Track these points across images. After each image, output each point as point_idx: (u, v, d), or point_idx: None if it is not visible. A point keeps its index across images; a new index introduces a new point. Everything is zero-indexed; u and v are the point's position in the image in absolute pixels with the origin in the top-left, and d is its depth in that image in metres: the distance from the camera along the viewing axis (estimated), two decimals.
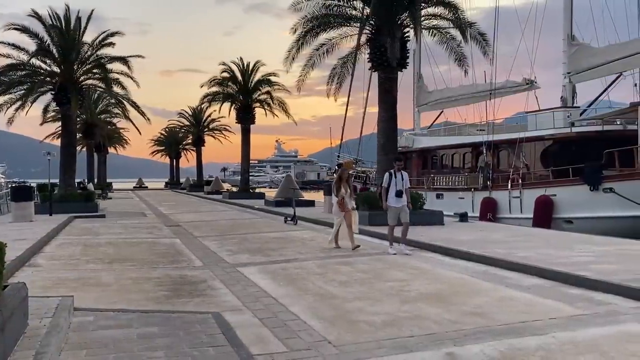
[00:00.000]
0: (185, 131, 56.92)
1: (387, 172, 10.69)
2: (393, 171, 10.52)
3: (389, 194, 10.36)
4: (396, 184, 10.33)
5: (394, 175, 10.41)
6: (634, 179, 17.42)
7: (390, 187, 10.36)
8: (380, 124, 16.52)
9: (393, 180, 10.38)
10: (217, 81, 34.54)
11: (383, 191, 10.56)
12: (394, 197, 10.32)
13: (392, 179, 10.39)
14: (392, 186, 10.35)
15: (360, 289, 7.12)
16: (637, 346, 4.67)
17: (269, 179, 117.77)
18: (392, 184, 10.37)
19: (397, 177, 10.39)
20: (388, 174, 10.59)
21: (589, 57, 22.44)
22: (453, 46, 17.66)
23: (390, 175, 10.49)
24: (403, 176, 10.47)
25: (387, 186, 10.39)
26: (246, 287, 7.37)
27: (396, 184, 10.33)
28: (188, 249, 11.40)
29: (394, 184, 10.36)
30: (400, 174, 10.47)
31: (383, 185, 10.63)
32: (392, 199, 10.34)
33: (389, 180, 10.43)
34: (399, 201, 10.33)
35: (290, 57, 18.21)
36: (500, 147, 24.03)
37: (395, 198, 10.30)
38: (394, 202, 10.35)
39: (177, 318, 5.65)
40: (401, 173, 10.51)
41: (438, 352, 4.57)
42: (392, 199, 10.35)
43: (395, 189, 10.29)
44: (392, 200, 10.34)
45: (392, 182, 10.38)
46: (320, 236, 13.45)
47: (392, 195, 10.31)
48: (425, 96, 33.30)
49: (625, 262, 8.19)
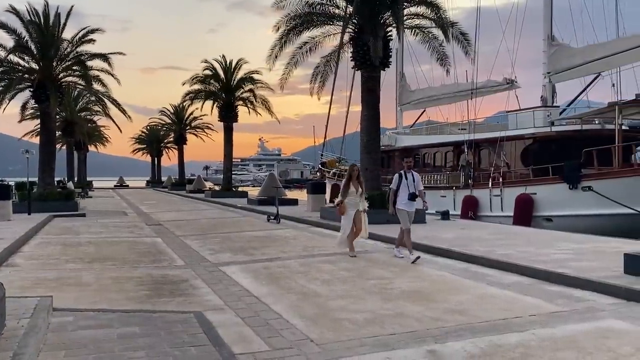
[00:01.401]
0: (166, 129, 56.38)
1: (397, 174, 9.61)
2: (403, 172, 9.52)
3: (399, 197, 9.35)
4: (408, 186, 9.30)
5: (404, 176, 9.41)
6: (612, 177, 17.73)
7: (401, 190, 9.34)
8: (363, 123, 16.56)
9: (404, 182, 9.35)
10: (199, 79, 34.30)
11: (392, 194, 9.52)
12: (406, 201, 9.29)
13: (403, 180, 9.38)
14: (404, 188, 9.32)
15: (343, 287, 7.13)
16: (614, 342, 4.76)
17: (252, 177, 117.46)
18: (402, 186, 9.35)
19: (407, 178, 9.37)
20: (397, 175, 9.53)
21: (568, 57, 22.78)
22: (435, 46, 17.77)
23: (400, 176, 9.46)
24: (414, 177, 9.45)
25: (397, 189, 9.40)
26: (228, 286, 7.34)
27: (408, 186, 9.30)
28: (170, 248, 11.31)
29: (405, 185, 9.33)
30: (411, 174, 9.46)
31: (392, 188, 9.55)
32: (404, 202, 9.31)
33: (398, 182, 9.41)
34: (412, 205, 9.35)
35: (274, 55, 18.16)
36: (482, 146, 24.28)
37: (408, 202, 9.29)
38: (406, 205, 9.33)
39: (158, 318, 5.60)
40: (412, 173, 9.49)
41: (419, 349, 4.60)
42: (403, 202, 9.31)
43: (407, 192, 9.26)
44: (404, 204, 9.31)
45: (402, 184, 9.36)
46: (303, 235, 13.46)
47: (404, 198, 9.28)
48: (407, 95, 33.50)
49: (603, 260, 8.33)
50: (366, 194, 10.59)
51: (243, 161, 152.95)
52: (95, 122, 48.61)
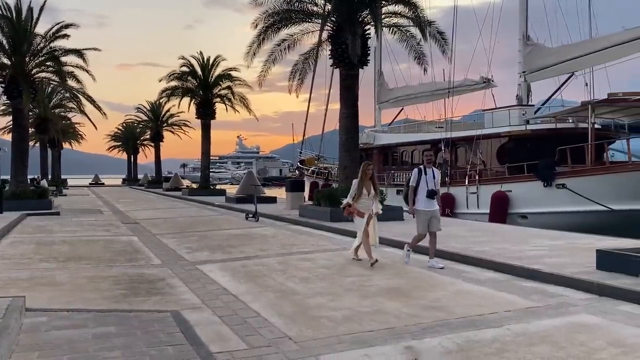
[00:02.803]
0: (143, 126, 55.73)
1: (416, 168, 8.58)
2: (423, 167, 8.53)
3: (417, 195, 8.40)
4: (427, 183, 8.34)
5: (424, 172, 8.42)
6: (585, 175, 18.10)
7: (420, 187, 8.36)
8: (342, 121, 16.60)
9: (423, 178, 8.37)
10: (176, 75, 33.93)
11: (411, 191, 8.47)
12: (424, 199, 8.33)
13: (422, 176, 8.40)
14: (423, 185, 8.34)
15: (322, 285, 7.14)
16: (585, 336, 4.86)
17: (230, 175, 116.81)
18: (422, 182, 8.37)
19: (427, 173, 8.40)
20: (417, 170, 8.52)
21: (542, 57, 23.16)
22: (413, 44, 17.89)
23: (419, 171, 8.46)
24: (434, 173, 8.47)
25: (416, 185, 8.42)
26: (206, 284, 7.29)
27: (427, 183, 8.34)
28: (146, 246, 11.18)
29: (424, 182, 8.35)
30: (432, 169, 8.49)
31: (411, 185, 8.50)
32: (423, 201, 8.35)
33: (417, 178, 8.42)
34: (431, 204, 8.35)
35: (252, 52, 18.07)
36: (458, 144, 24.56)
37: (427, 200, 8.32)
38: (424, 205, 8.34)
39: (134, 317, 5.54)
40: (432, 169, 8.52)
41: (397, 346, 4.63)
42: (422, 201, 8.35)
43: (426, 189, 8.30)
44: (423, 202, 8.34)
45: (422, 180, 8.38)
46: (281, 233, 13.44)
47: (423, 196, 8.33)
48: (386, 93, 33.69)
49: (575, 256, 8.49)
50: (380, 197, 9.69)
51: (221, 159, 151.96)
52: (69, 119, 47.89)
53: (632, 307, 5.80)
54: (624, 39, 20.32)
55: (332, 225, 13.74)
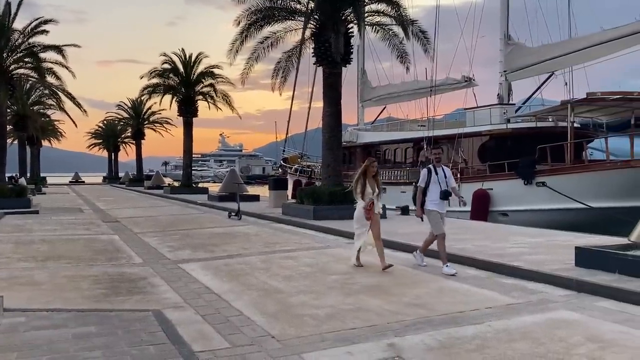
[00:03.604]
0: (124, 124, 55.08)
1: (425, 168, 8.18)
2: (432, 166, 8.12)
3: (428, 196, 7.97)
4: (439, 183, 7.92)
5: (434, 171, 8.02)
6: (565, 173, 18.36)
7: (431, 187, 7.95)
8: (325, 119, 16.60)
9: (434, 178, 7.96)
10: (157, 72, 33.58)
11: (419, 193, 8.07)
12: (437, 201, 7.91)
13: (433, 175, 7.99)
14: (434, 186, 7.94)
15: (305, 283, 7.15)
16: (565, 332, 4.94)
17: (212, 173, 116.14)
18: (432, 182, 7.96)
19: (438, 173, 8.00)
20: (426, 170, 8.09)
21: (523, 56, 23.45)
22: (395, 43, 17.94)
23: (429, 171, 8.04)
24: (445, 172, 8.08)
25: (426, 186, 8.00)
26: (188, 283, 7.24)
27: (439, 183, 7.92)
28: (127, 245, 11.07)
29: (435, 182, 7.94)
30: (442, 168, 8.10)
31: (420, 185, 8.08)
32: (435, 202, 7.92)
33: (427, 178, 7.99)
34: (443, 205, 7.99)
35: (234, 49, 17.97)
36: (440, 143, 24.71)
37: (440, 201, 7.92)
38: (436, 206, 7.93)
39: (115, 317, 5.48)
40: (442, 168, 8.12)
41: (379, 343, 4.66)
42: (434, 202, 7.93)
43: (439, 189, 7.88)
44: (435, 203, 7.93)
45: (432, 181, 7.97)
46: (264, 231, 13.40)
47: (435, 197, 7.91)
48: (368, 92, 33.82)
49: (555, 253, 8.61)
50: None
51: (203, 157, 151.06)
52: (49, 116, 47.19)
53: (610, 303, 5.91)
54: (603, 39, 20.66)
55: (315, 223, 13.75)
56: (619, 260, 6.87)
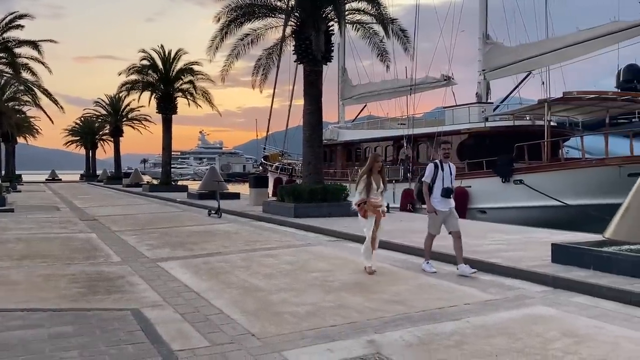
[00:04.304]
0: (102, 121, 54.33)
1: (431, 163, 7.74)
2: (439, 161, 7.69)
3: (432, 194, 7.60)
4: (443, 180, 7.55)
5: (441, 167, 7.61)
6: (541, 171, 18.65)
7: (436, 184, 7.55)
8: (306, 117, 16.59)
9: (440, 174, 7.57)
10: (136, 69, 33.18)
11: (426, 188, 7.63)
12: (439, 198, 7.54)
13: (439, 171, 7.59)
14: (438, 182, 7.54)
15: (285, 281, 7.14)
16: (541, 327, 5.02)
17: (192, 171, 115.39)
18: (438, 179, 7.56)
19: (444, 169, 7.61)
20: (433, 165, 7.67)
21: (501, 55, 23.74)
22: (376, 41, 18.01)
23: (435, 167, 7.62)
24: (451, 169, 7.68)
25: (432, 182, 7.59)
26: (167, 282, 7.18)
27: (443, 180, 7.55)
28: (105, 244, 10.93)
29: (440, 178, 7.55)
30: (448, 165, 7.67)
31: (425, 181, 7.66)
32: (438, 199, 7.56)
33: (433, 174, 7.59)
34: (446, 203, 7.58)
35: (214, 46, 17.84)
36: (420, 141, 24.93)
37: (442, 199, 7.55)
38: (439, 204, 7.58)
39: (93, 316, 5.41)
40: (449, 165, 7.69)
41: (360, 340, 4.68)
42: (437, 199, 7.56)
43: (442, 187, 7.52)
44: (437, 201, 7.58)
45: (438, 177, 7.57)
46: (245, 229, 13.35)
47: (437, 195, 7.55)
48: (349, 90, 33.90)
49: (532, 249, 8.74)
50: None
51: (183, 154, 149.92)
52: (24, 112, 46.28)
53: (585, 299, 6.02)
54: (578, 40, 21.04)
55: (296, 221, 13.74)
56: (593, 256, 7.01)
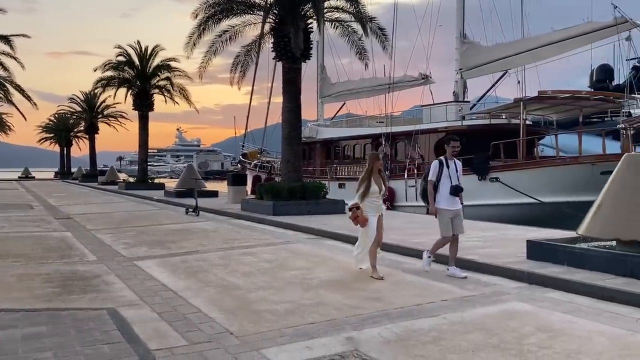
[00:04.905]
0: (77, 117, 53.38)
1: (436, 161, 7.37)
2: (444, 158, 7.28)
3: (438, 192, 7.16)
4: (450, 177, 7.14)
5: (446, 165, 7.21)
6: (517, 169, 18.93)
7: (442, 182, 7.15)
8: (285, 114, 16.55)
9: (445, 172, 7.16)
10: (112, 65, 32.68)
11: (431, 187, 7.22)
12: (447, 196, 7.11)
13: (444, 169, 7.18)
14: (444, 181, 7.14)
15: (264, 279, 7.12)
16: (517, 322, 5.10)
17: (169, 169, 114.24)
18: (443, 176, 7.16)
19: (450, 166, 7.21)
20: (438, 162, 7.28)
21: (478, 55, 24.01)
22: (354, 39, 18.04)
23: (440, 164, 7.22)
24: (457, 166, 7.27)
25: (437, 180, 7.18)
26: (144, 281, 7.10)
27: (450, 177, 7.14)
28: (80, 242, 10.76)
29: (446, 176, 7.14)
30: (454, 162, 7.28)
31: (430, 179, 7.22)
32: (445, 198, 7.12)
33: (439, 172, 7.18)
34: (454, 202, 7.16)
35: (192, 42, 17.66)
36: (398, 139, 25.09)
37: (450, 197, 7.12)
38: (446, 203, 7.13)
39: (67, 316, 5.33)
40: (454, 161, 7.30)
41: (338, 337, 4.70)
42: (444, 198, 7.13)
43: (449, 184, 7.11)
44: (445, 200, 7.12)
45: (443, 175, 7.16)
46: (223, 227, 13.27)
47: (445, 193, 7.11)
48: (328, 88, 33.92)
49: (507, 246, 8.88)
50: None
51: (160, 152, 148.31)
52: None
53: (559, 294, 6.14)
54: (553, 40, 21.40)
55: (275, 219, 13.71)
56: (567, 252, 7.15)
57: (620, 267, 6.45)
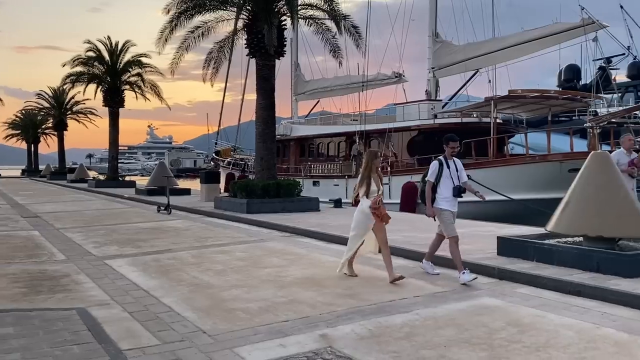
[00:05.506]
0: (45, 114, 52.20)
1: (436, 160, 7.06)
2: (444, 158, 7.03)
3: (438, 193, 6.92)
4: (451, 178, 6.90)
5: (446, 164, 6.97)
6: (488, 167, 19.23)
7: (442, 182, 6.89)
8: (259, 112, 16.46)
9: (446, 172, 6.91)
10: (81, 60, 32.04)
11: (429, 188, 6.95)
12: (450, 198, 6.88)
13: (444, 169, 6.93)
14: (445, 181, 6.90)
15: (237, 277, 7.09)
16: (487, 317, 5.19)
17: (140, 166, 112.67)
18: (444, 177, 6.91)
19: (450, 166, 6.97)
20: (437, 162, 7.00)
21: (450, 54, 24.31)
22: (328, 37, 18.05)
23: (440, 164, 6.96)
24: (457, 165, 7.06)
25: (437, 181, 6.92)
26: (115, 280, 6.99)
27: (451, 178, 6.90)
28: (49, 241, 10.52)
29: (447, 176, 6.90)
30: (453, 161, 7.06)
31: (429, 180, 6.95)
32: (447, 200, 6.88)
33: (438, 172, 6.92)
34: (455, 203, 7.01)
35: (163, 38, 17.42)
36: (372, 137, 25.23)
37: (452, 199, 6.92)
38: (448, 204, 6.90)
39: (35, 317, 5.21)
40: (454, 161, 7.07)
41: (312, 334, 4.71)
42: (445, 199, 6.88)
43: (451, 185, 6.88)
44: (446, 201, 6.89)
45: (443, 175, 6.91)
46: (196, 226, 13.15)
47: (447, 194, 6.87)
48: (302, 85, 33.91)
49: (478, 243, 9.02)
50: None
51: (131, 149, 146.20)
52: None
53: (529, 290, 6.27)
54: (523, 40, 21.79)
55: (249, 217, 13.65)
56: (536, 249, 7.30)
57: (587, 262, 6.62)
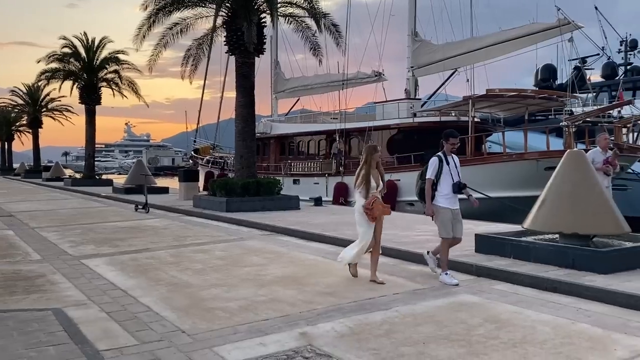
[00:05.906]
0: (19, 111, 51.14)
1: (435, 157, 6.74)
2: (443, 154, 6.73)
3: (438, 191, 6.62)
4: (451, 174, 6.63)
5: (446, 161, 6.68)
6: (466, 165, 19.37)
7: (442, 179, 6.61)
8: (238, 109, 16.37)
9: (445, 169, 6.63)
10: (57, 57, 31.45)
11: (429, 185, 6.63)
12: (448, 195, 6.60)
13: (444, 165, 6.64)
14: (445, 178, 6.61)
15: (217, 276, 7.04)
16: (465, 314, 5.25)
17: (117, 164, 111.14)
18: (444, 173, 6.62)
19: (449, 162, 6.69)
20: (437, 158, 6.69)
21: (429, 53, 24.51)
22: (308, 35, 18.02)
23: (439, 160, 6.66)
24: (456, 162, 6.77)
25: (436, 178, 6.62)
26: (92, 280, 6.89)
27: (451, 174, 6.63)
28: (23, 241, 10.32)
29: (447, 173, 6.62)
30: (452, 158, 6.77)
31: (429, 177, 6.64)
32: (446, 197, 6.60)
33: (438, 169, 6.62)
34: (455, 201, 6.68)
35: (141, 35, 17.20)
36: (352, 135, 25.30)
37: (452, 196, 6.63)
38: (447, 202, 6.61)
39: (10, 317, 5.11)
40: (453, 157, 6.79)
41: (292, 332, 4.70)
42: (445, 197, 6.60)
43: (451, 181, 6.60)
44: (445, 198, 6.61)
45: (444, 172, 6.62)
46: (174, 224, 13.03)
47: (447, 191, 6.60)
48: (282, 83, 33.84)
49: None
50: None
51: (108, 147, 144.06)
52: None
53: (506, 286, 6.36)
54: (500, 40, 22.07)
55: (228, 215, 13.57)
56: (513, 246, 7.41)
57: (562, 259, 6.74)
